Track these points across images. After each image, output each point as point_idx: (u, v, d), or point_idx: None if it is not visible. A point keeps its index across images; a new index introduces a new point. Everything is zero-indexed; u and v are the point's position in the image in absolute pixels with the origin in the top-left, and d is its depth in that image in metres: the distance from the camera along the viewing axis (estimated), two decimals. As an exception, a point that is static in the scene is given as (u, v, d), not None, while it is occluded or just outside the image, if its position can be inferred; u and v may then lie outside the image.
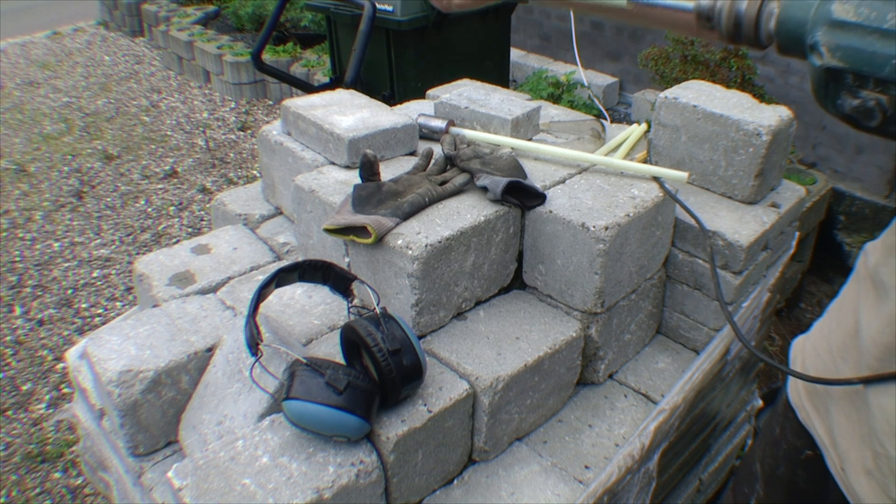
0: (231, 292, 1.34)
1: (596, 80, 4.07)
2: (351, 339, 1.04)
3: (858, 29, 0.54)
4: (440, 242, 1.13)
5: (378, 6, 2.73)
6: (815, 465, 0.87)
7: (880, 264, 0.76)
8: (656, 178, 1.32)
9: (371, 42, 2.73)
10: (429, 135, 1.50)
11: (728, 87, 1.54)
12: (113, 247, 3.20)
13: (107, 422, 1.33)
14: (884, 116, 0.56)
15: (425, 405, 1.06)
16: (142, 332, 1.21)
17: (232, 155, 4.03)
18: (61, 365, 2.47)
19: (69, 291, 2.90)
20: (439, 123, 1.49)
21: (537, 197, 1.24)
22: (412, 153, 1.46)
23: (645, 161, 1.50)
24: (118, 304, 2.82)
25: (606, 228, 1.16)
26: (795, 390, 0.92)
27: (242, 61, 4.63)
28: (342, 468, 0.96)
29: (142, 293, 1.46)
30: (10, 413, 2.31)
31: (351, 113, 1.45)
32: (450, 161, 1.32)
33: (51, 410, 2.31)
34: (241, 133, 4.29)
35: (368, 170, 1.22)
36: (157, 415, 1.18)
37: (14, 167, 3.95)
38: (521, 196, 1.23)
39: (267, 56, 4.52)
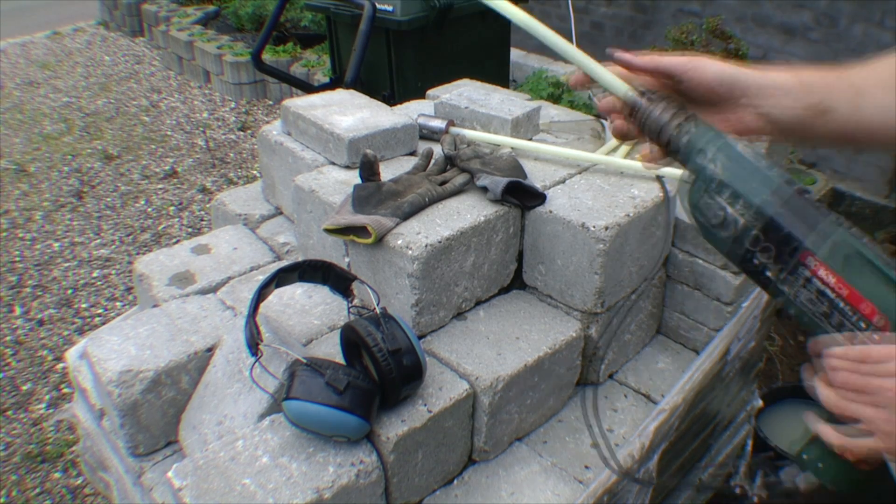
0: (231, 292, 1.34)
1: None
2: (351, 339, 1.04)
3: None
4: (440, 242, 1.13)
5: (378, 6, 2.73)
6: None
7: None
8: (658, 178, 1.31)
9: (371, 42, 2.73)
10: (429, 135, 1.50)
11: (728, 87, 1.54)
12: (113, 247, 3.20)
13: (107, 422, 1.33)
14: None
15: (425, 405, 1.06)
16: (142, 332, 1.21)
17: (232, 155, 4.03)
18: (61, 365, 2.47)
19: (69, 291, 2.90)
20: (439, 123, 1.49)
21: (537, 197, 1.24)
22: (412, 153, 1.46)
23: (645, 161, 1.50)
24: (118, 304, 2.82)
25: (606, 228, 1.16)
26: None
27: (242, 61, 4.63)
28: (342, 468, 0.96)
29: (142, 293, 1.46)
30: (10, 413, 2.31)
31: (351, 113, 1.45)
32: (450, 161, 1.32)
33: (51, 410, 2.31)
34: (241, 133, 4.29)
35: (368, 170, 1.22)
36: (157, 415, 1.18)
37: (14, 167, 3.95)
38: (521, 196, 1.23)
39: (267, 56, 4.52)
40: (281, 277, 1.11)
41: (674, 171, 1.31)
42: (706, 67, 0.75)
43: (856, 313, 0.62)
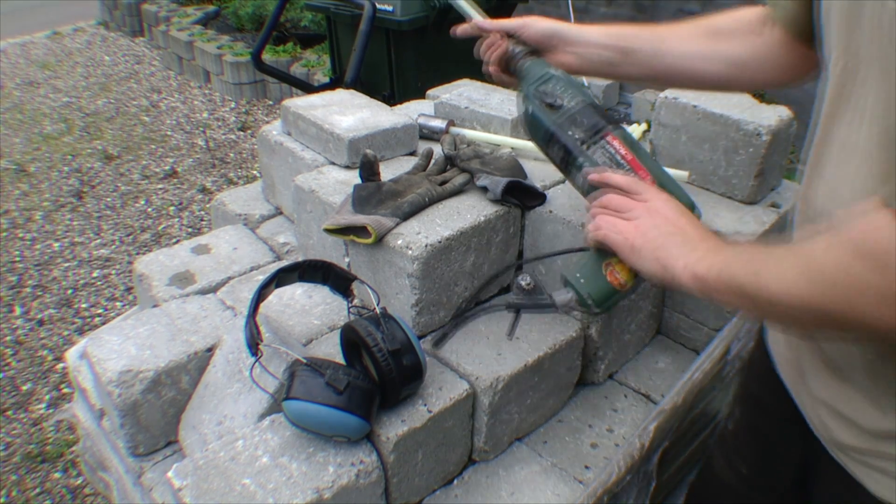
0: (231, 292, 1.34)
1: (596, 79, 4.07)
2: (351, 339, 1.04)
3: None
4: (440, 242, 1.13)
5: (378, 6, 2.73)
6: (778, 381, 0.92)
7: None
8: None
9: (371, 42, 2.73)
10: (429, 135, 1.50)
11: (728, 87, 1.54)
12: (113, 247, 3.20)
13: (107, 422, 1.33)
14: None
15: (425, 405, 1.06)
16: (142, 332, 1.21)
17: (232, 155, 4.03)
18: (61, 365, 2.47)
19: (69, 291, 2.90)
20: (439, 123, 1.49)
21: (537, 197, 1.24)
22: (412, 153, 1.46)
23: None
24: (118, 304, 2.82)
25: (606, 228, 1.16)
26: None
27: (242, 61, 4.63)
28: (342, 468, 0.96)
29: (142, 293, 1.46)
30: (10, 413, 2.31)
31: (351, 113, 1.45)
32: (450, 161, 1.32)
33: (51, 410, 2.31)
34: (241, 133, 4.29)
35: (368, 170, 1.22)
36: (157, 415, 1.18)
37: (14, 167, 3.95)
38: (522, 196, 1.23)
39: (267, 56, 4.52)
40: (281, 277, 1.11)
41: (674, 172, 1.31)
42: (533, 26, 1.04)
43: (633, 172, 0.89)
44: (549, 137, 0.97)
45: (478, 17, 1.11)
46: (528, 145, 1.43)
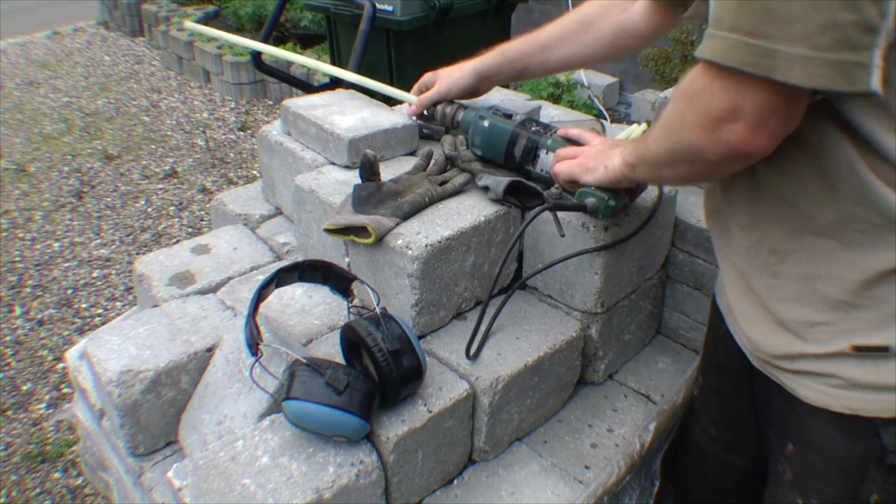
0: (231, 292, 1.34)
1: (596, 79, 4.07)
2: (351, 339, 1.04)
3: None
4: (440, 242, 1.13)
5: (378, 6, 2.72)
6: (730, 339, 0.99)
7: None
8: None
9: (371, 42, 2.73)
10: (429, 135, 1.50)
11: (728, 87, 1.54)
12: (113, 247, 3.20)
13: (107, 422, 1.33)
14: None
15: (425, 405, 1.06)
16: (142, 332, 1.21)
17: (232, 155, 4.03)
18: (61, 365, 2.47)
19: (69, 291, 2.90)
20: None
21: (538, 197, 1.24)
22: (412, 153, 1.46)
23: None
24: (118, 304, 2.82)
25: (606, 229, 1.16)
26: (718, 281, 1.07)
27: (242, 61, 4.63)
28: (342, 468, 0.96)
29: (142, 293, 1.46)
30: (10, 413, 2.31)
31: (351, 113, 1.45)
32: (450, 161, 1.32)
33: (51, 410, 2.31)
34: (241, 133, 4.29)
35: (368, 170, 1.22)
36: (157, 415, 1.18)
37: (14, 167, 3.95)
38: (522, 196, 1.23)
39: (267, 56, 4.51)
40: (281, 277, 1.11)
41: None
42: (452, 89, 1.34)
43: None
44: (514, 137, 1.22)
45: (410, 100, 1.40)
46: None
